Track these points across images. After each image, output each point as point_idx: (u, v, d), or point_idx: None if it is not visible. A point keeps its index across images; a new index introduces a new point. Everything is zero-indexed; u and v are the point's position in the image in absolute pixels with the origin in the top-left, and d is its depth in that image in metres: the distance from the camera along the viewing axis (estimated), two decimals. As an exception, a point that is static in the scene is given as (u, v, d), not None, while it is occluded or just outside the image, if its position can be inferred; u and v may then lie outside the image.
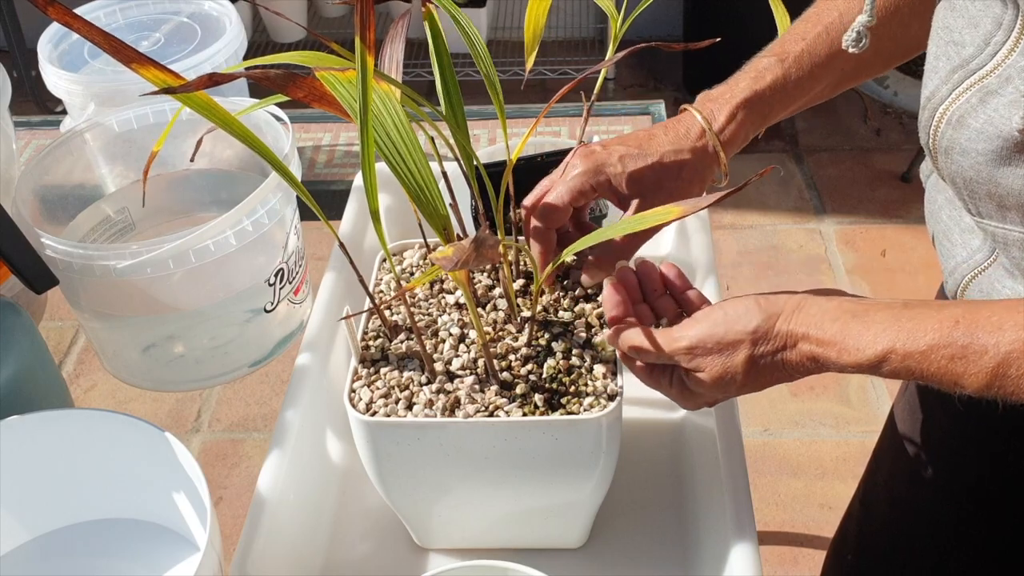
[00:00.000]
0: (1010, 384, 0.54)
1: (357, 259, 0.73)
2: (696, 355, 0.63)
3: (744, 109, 0.74)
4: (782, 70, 0.75)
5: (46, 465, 0.79)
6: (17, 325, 0.83)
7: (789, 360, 0.61)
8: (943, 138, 0.62)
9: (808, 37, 0.75)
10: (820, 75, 0.76)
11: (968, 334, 0.55)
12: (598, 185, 0.72)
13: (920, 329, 0.56)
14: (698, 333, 0.63)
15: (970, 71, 0.59)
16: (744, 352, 0.62)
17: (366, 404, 0.69)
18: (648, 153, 0.72)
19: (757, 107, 0.74)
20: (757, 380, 0.63)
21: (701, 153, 0.73)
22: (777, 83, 0.75)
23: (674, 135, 0.73)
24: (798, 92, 0.76)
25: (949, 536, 0.82)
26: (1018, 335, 0.53)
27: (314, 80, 0.59)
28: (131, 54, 0.57)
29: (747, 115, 0.74)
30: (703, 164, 0.73)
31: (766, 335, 0.61)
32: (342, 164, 1.29)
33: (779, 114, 0.77)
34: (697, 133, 0.73)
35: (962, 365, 0.55)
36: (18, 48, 2.54)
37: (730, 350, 0.62)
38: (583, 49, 2.92)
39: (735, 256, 2.33)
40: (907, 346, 0.56)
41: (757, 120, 0.75)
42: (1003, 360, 0.54)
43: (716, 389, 0.64)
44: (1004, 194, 0.59)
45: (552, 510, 0.75)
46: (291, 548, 0.75)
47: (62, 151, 1.00)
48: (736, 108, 0.73)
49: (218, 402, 1.99)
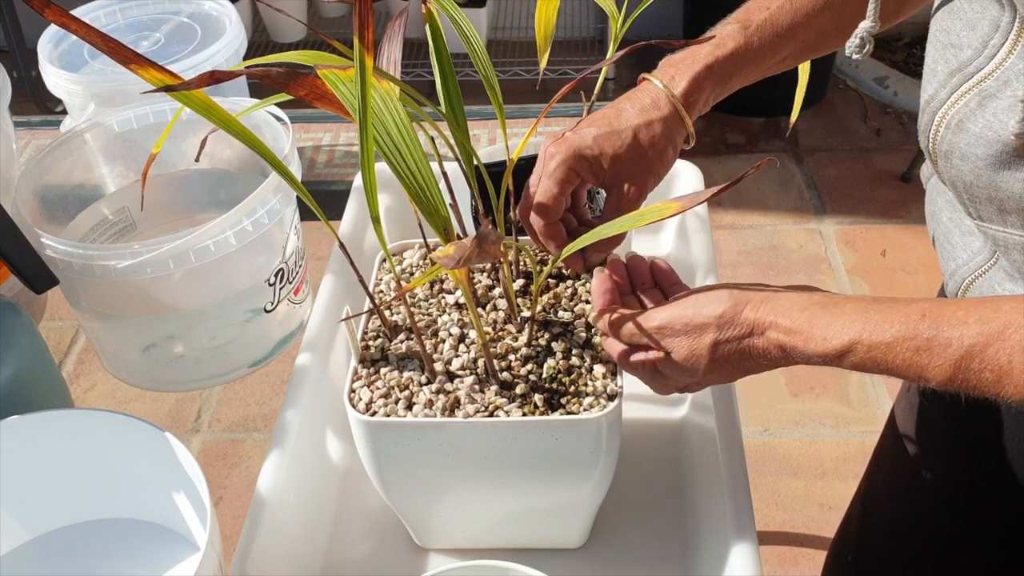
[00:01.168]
0: (973, 377, 0.54)
1: (357, 259, 0.73)
2: (665, 335, 0.65)
3: (705, 75, 0.74)
4: (744, 38, 0.75)
5: (46, 465, 0.79)
6: (17, 325, 0.83)
7: (756, 347, 0.62)
8: (943, 142, 0.62)
9: (772, 6, 0.76)
10: (781, 45, 0.76)
11: (933, 327, 0.55)
12: (581, 170, 0.73)
13: (887, 321, 0.57)
14: (668, 315, 0.65)
15: (968, 74, 0.59)
16: (710, 336, 0.63)
17: (366, 404, 0.69)
18: (620, 130, 0.73)
19: (718, 73, 0.75)
20: (723, 367, 0.64)
21: (670, 120, 0.74)
22: (739, 50, 0.75)
23: (640, 107, 0.74)
24: (759, 60, 0.76)
25: (949, 536, 0.82)
26: (981, 329, 0.54)
27: (315, 79, 0.59)
28: (129, 55, 0.57)
29: (708, 81, 0.74)
30: (673, 130, 0.74)
31: (732, 320, 0.62)
32: (342, 164, 1.29)
33: (740, 81, 0.77)
34: (664, 101, 0.74)
35: (926, 357, 0.55)
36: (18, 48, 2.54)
37: (696, 333, 0.63)
38: (583, 49, 2.92)
39: (735, 256, 2.33)
40: (873, 337, 0.57)
41: (718, 86, 0.75)
42: (966, 354, 0.54)
43: (683, 373, 0.65)
44: (1004, 198, 0.59)
45: (552, 510, 0.75)
46: (291, 548, 0.75)
47: (62, 151, 1.00)
48: (697, 75, 0.74)
49: (218, 402, 1.99)
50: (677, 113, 0.74)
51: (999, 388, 0.54)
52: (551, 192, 0.72)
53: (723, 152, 2.62)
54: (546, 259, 0.82)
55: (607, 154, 0.72)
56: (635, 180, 0.73)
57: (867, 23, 0.67)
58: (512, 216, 0.78)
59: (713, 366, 0.64)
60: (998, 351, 0.53)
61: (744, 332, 0.62)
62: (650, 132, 0.73)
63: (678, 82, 0.74)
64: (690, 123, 0.74)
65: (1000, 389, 0.54)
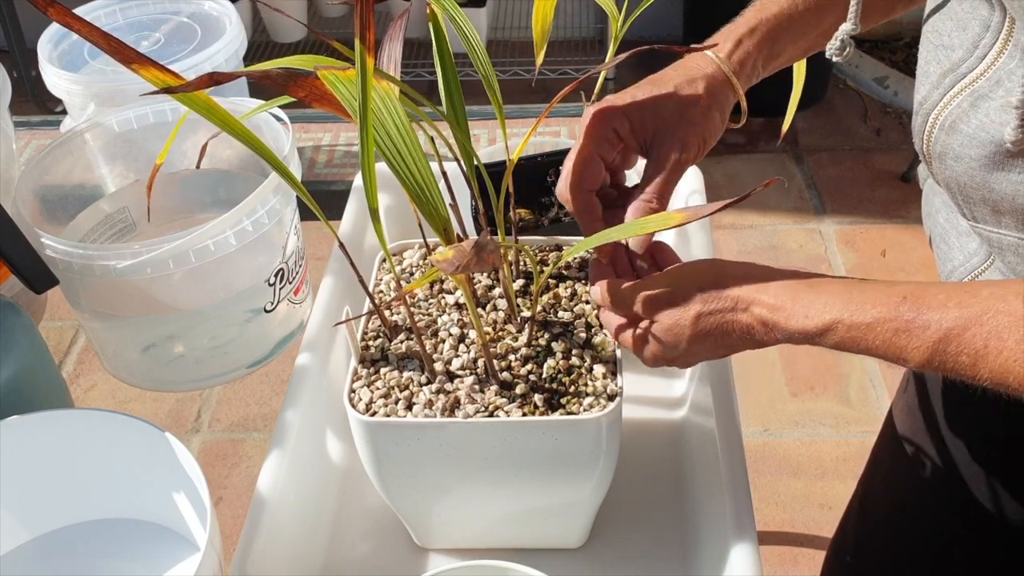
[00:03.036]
0: (950, 360, 0.55)
1: (357, 259, 0.73)
2: (651, 304, 0.65)
3: (749, 36, 0.73)
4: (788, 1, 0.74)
5: (46, 465, 0.79)
6: (17, 325, 0.83)
7: (739, 322, 0.62)
8: (936, 143, 0.62)
9: None
10: (826, 10, 0.74)
11: (913, 309, 0.56)
12: (620, 128, 0.70)
13: (868, 302, 0.57)
14: (654, 286, 0.65)
15: (960, 75, 0.59)
16: (694, 308, 0.63)
17: (366, 404, 0.69)
18: (661, 86, 0.71)
19: (762, 33, 0.73)
20: (705, 341, 0.64)
21: (714, 81, 0.72)
22: (783, 14, 0.73)
23: (684, 69, 0.72)
24: (804, 26, 0.74)
25: (947, 536, 0.82)
26: (960, 312, 0.54)
27: (315, 80, 0.59)
28: (130, 54, 0.57)
29: (753, 42, 0.73)
30: (718, 92, 0.72)
31: (716, 295, 0.62)
32: (342, 164, 1.29)
33: (787, 48, 0.75)
34: (706, 63, 0.72)
35: (905, 339, 0.56)
36: (18, 48, 2.54)
37: (682, 303, 0.64)
38: (583, 49, 2.92)
39: (735, 256, 2.33)
40: (854, 317, 0.57)
41: (764, 48, 0.73)
42: (944, 336, 0.54)
43: (668, 346, 0.65)
44: (998, 199, 0.59)
45: (552, 510, 0.75)
46: (291, 548, 0.75)
47: (62, 151, 1.00)
48: (742, 36, 0.73)
49: (218, 402, 1.99)
50: (723, 75, 0.72)
51: (975, 372, 0.54)
52: (586, 150, 0.70)
53: (723, 152, 2.62)
54: (546, 260, 0.82)
55: (648, 110, 0.70)
56: (677, 142, 0.70)
57: (847, 25, 0.67)
58: (512, 216, 0.78)
59: (696, 338, 0.64)
60: (975, 335, 0.53)
61: (727, 306, 0.62)
62: (693, 88, 0.71)
63: (723, 45, 0.73)
64: (740, 88, 0.72)
65: (976, 373, 0.54)
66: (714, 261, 0.66)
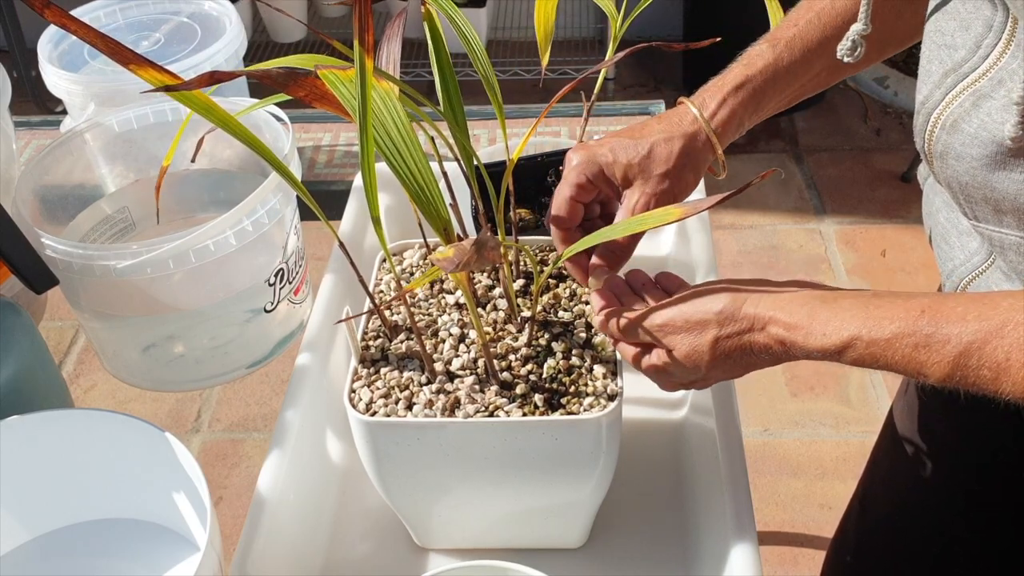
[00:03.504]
0: (971, 374, 0.54)
1: (357, 259, 0.73)
2: (667, 332, 0.65)
3: (734, 94, 0.74)
4: (773, 55, 0.75)
5: (46, 465, 0.79)
6: (17, 325, 0.83)
7: (756, 342, 0.62)
8: (938, 143, 0.62)
9: (800, 23, 0.76)
10: (812, 60, 0.76)
11: (932, 323, 0.55)
12: (593, 176, 0.73)
13: (886, 317, 0.57)
14: (669, 312, 0.65)
15: (962, 74, 0.59)
16: (711, 332, 0.63)
17: (366, 404, 0.69)
18: (639, 141, 0.73)
19: (748, 92, 0.74)
20: (725, 363, 0.64)
21: (692, 139, 0.73)
22: (768, 68, 0.75)
23: (667, 123, 0.74)
24: (790, 77, 0.76)
25: (948, 536, 0.82)
26: (980, 326, 0.54)
27: (315, 79, 0.59)
28: (128, 55, 0.57)
29: (738, 100, 0.74)
30: (695, 150, 0.73)
31: (732, 316, 0.62)
32: (342, 164, 1.29)
33: (772, 101, 0.76)
34: (689, 120, 0.74)
35: (925, 354, 0.55)
36: (18, 48, 2.54)
37: (698, 329, 0.63)
38: (583, 49, 2.92)
39: (735, 256, 2.33)
40: (872, 333, 0.57)
41: (750, 106, 0.75)
42: (964, 350, 0.54)
43: (687, 370, 0.65)
44: (999, 198, 0.59)
45: (552, 510, 0.75)
46: (291, 548, 0.75)
47: (62, 151, 1.00)
48: (727, 94, 0.74)
49: (218, 402, 1.99)
50: (704, 135, 0.73)
51: (997, 385, 0.54)
52: (564, 196, 0.73)
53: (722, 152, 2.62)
54: (546, 260, 0.82)
55: (620, 162, 0.72)
56: (643, 197, 0.72)
57: (858, 25, 0.67)
58: (512, 216, 0.78)
59: (715, 362, 0.64)
60: (996, 348, 0.53)
61: (744, 328, 0.62)
62: (668, 147, 0.72)
63: (708, 103, 0.74)
64: (718, 146, 0.74)
65: (998, 386, 0.54)
66: (726, 282, 0.65)
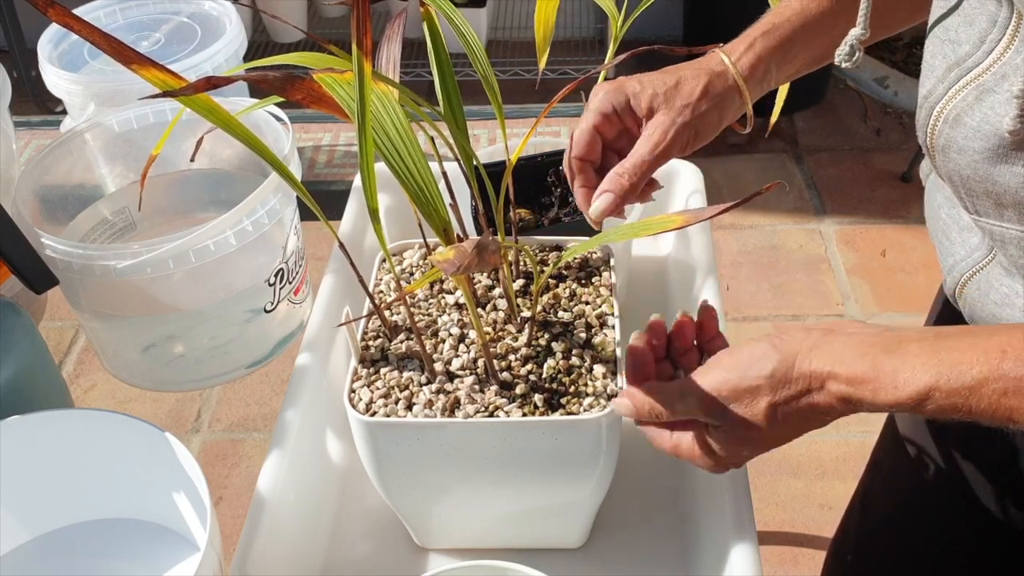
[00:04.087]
0: None
1: (357, 259, 0.73)
2: (712, 407, 0.59)
3: (762, 39, 0.73)
4: (800, 4, 0.74)
5: (46, 465, 0.79)
6: (17, 325, 0.83)
7: (818, 403, 0.56)
8: (940, 136, 0.62)
9: None
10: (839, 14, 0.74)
11: (1020, 364, 0.51)
12: (619, 105, 0.71)
13: (964, 361, 0.52)
14: (711, 382, 0.59)
15: (966, 69, 0.59)
16: (764, 399, 0.57)
17: (366, 404, 0.69)
18: (667, 75, 0.72)
19: (776, 38, 0.73)
20: (785, 430, 0.58)
21: (720, 78, 0.72)
22: (796, 16, 0.74)
23: (695, 65, 0.73)
24: (818, 28, 0.74)
25: (949, 536, 0.82)
26: None
27: (312, 82, 0.59)
28: (131, 55, 0.57)
29: (766, 44, 0.73)
30: (722, 89, 0.72)
31: (786, 378, 0.56)
32: (342, 164, 1.29)
33: (801, 52, 0.75)
34: (717, 60, 0.73)
35: (1016, 399, 0.51)
36: (18, 48, 2.53)
37: (749, 397, 0.57)
38: (583, 49, 2.92)
39: (735, 256, 2.33)
40: (952, 382, 0.52)
41: (777, 52, 0.73)
42: None
43: (740, 444, 0.59)
44: (1001, 192, 0.59)
45: (552, 510, 0.75)
46: (291, 548, 0.75)
47: (62, 151, 1.00)
48: (754, 38, 0.73)
49: (218, 402, 1.99)
50: (732, 77, 0.72)
51: None
52: (587, 125, 0.71)
53: (723, 152, 2.62)
54: (546, 260, 0.82)
55: (647, 92, 0.70)
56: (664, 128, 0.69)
57: (857, 30, 0.67)
58: (512, 216, 0.78)
59: (773, 432, 0.58)
60: None
61: (802, 389, 0.56)
62: (694, 82, 0.71)
63: (736, 47, 0.73)
64: (744, 89, 0.72)
65: None
66: (767, 339, 0.58)
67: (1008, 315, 0.65)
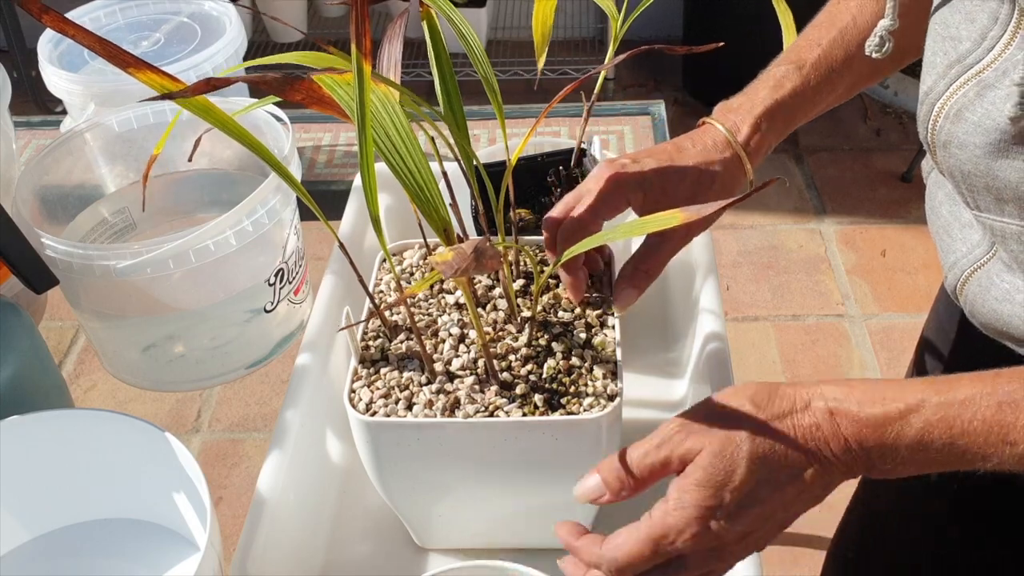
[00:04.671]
0: None
1: (357, 259, 0.73)
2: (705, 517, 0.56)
3: (767, 119, 0.73)
4: (800, 78, 0.74)
5: (46, 465, 0.79)
6: (17, 325, 0.83)
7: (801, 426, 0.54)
8: (941, 132, 0.62)
9: (823, 43, 0.75)
10: (838, 80, 0.75)
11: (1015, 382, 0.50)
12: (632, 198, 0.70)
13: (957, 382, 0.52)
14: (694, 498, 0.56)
15: (967, 66, 0.59)
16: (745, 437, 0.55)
17: (366, 404, 0.69)
18: (681, 167, 0.71)
19: (779, 116, 0.74)
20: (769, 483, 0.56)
21: (730, 164, 0.72)
22: (797, 91, 0.74)
23: (702, 147, 0.72)
24: (817, 98, 0.75)
25: (949, 536, 0.82)
26: None
27: (312, 83, 0.59)
28: (127, 59, 0.57)
29: (770, 125, 0.73)
30: (732, 175, 0.72)
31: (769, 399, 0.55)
32: (342, 164, 1.29)
33: (800, 121, 0.76)
34: (723, 144, 0.72)
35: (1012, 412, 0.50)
36: (18, 48, 2.54)
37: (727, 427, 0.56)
38: (583, 49, 2.92)
39: (735, 256, 2.33)
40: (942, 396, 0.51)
41: (780, 129, 0.74)
42: None
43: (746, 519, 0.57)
44: (1001, 187, 0.59)
45: (552, 510, 0.75)
46: (291, 548, 0.75)
47: (62, 151, 1.00)
48: (759, 119, 0.73)
49: (218, 402, 1.99)
50: (739, 159, 0.72)
51: None
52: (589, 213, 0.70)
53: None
54: (546, 260, 0.82)
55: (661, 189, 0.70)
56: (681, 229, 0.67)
57: (886, 21, 0.66)
58: (512, 216, 0.78)
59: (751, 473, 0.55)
60: None
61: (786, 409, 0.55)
62: (711, 176, 0.71)
63: (741, 128, 0.73)
64: (750, 170, 0.73)
65: None
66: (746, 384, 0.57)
67: (1009, 311, 0.65)
